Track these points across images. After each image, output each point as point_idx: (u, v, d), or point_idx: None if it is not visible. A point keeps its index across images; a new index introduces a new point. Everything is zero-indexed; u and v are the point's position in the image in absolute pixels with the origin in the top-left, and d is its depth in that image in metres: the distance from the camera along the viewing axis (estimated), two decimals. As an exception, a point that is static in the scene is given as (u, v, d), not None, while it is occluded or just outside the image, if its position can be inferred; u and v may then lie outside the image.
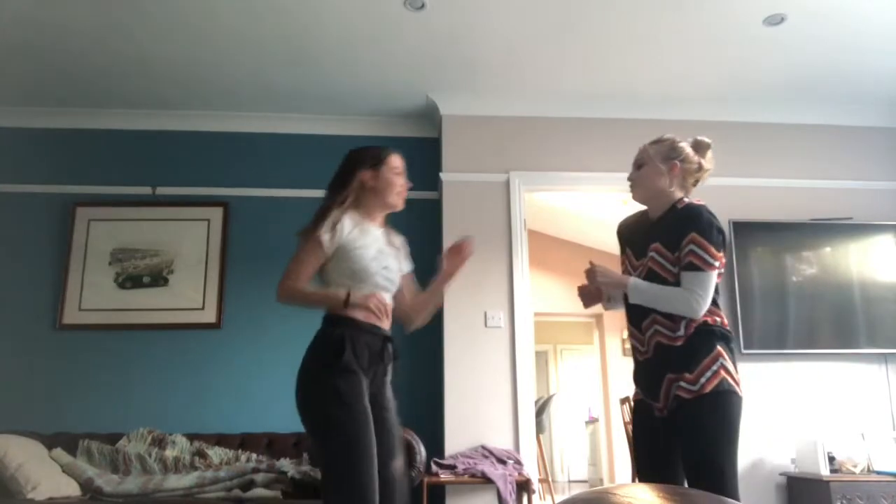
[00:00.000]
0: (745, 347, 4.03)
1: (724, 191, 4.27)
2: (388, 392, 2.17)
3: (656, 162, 2.20)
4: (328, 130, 4.53)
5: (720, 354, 2.03)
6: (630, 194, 2.31)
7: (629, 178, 2.29)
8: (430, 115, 4.47)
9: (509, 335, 4.02)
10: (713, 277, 2.04)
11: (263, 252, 4.28)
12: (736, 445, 2.00)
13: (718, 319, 2.08)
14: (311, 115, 4.51)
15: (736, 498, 1.92)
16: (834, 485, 3.56)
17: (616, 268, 2.32)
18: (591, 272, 2.19)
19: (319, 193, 4.73)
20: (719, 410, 1.99)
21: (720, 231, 2.09)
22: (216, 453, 3.58)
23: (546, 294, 7.58)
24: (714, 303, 2.08)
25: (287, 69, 3.99)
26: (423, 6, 3.42)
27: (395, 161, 2.26)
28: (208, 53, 3.82)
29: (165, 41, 3.70)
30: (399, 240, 2.31)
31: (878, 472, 3.71)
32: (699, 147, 2.25)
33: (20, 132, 4.38)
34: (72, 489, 3.26)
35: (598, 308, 2.60)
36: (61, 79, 4.05)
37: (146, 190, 4.34)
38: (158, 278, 4.19)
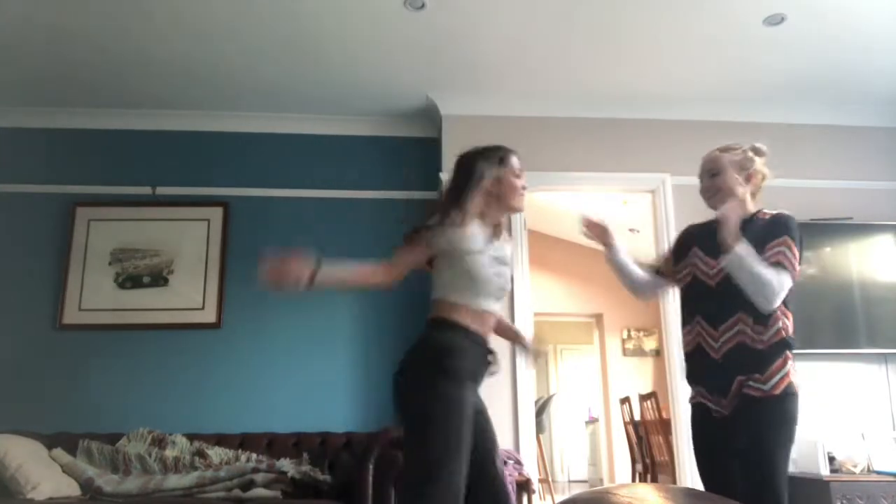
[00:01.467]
0: (745, 347, 4.03)
1: (724, 191, 4.27)
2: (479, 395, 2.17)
3: (733, 171, 2.25)
4: (328, 130, 4.53)
5: (788, 358, 2.12)
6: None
7: (705, 188, 2.31)
8: (430, 115, 4.47)
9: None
10: (791, 281, 2.10)
11: (263, 252, 4.28)
12: (792, 445, 2.12)
13: (791, 329, 2.16)
14: (311, 115, 4.51)
15: (784, 494, 2.08)
16: (834, 485, 3.56)
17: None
18: (725, 212, 2.11)
19: (319, 193, 4.73)
20: (786, 411, 2.07)
21: (802, 244, 2.18)
22: (216, 453, 3.58)
23: (546, 294, 7.58)
24: (787, 307, 2.15)
25: (287, 69, 3.99)
26: (423, 6, 3.42)
27: (516, 162, 2.20)
28: (208, 53, 3.82)
29: (165, 41, 3.70)
30: (510, 246, 2.22)
31: (878, 472, 3.71)
32: (759, 153, 2.31)
33: (20, 132, 4.38)
34: (72, 489, 3.26)
35: (598, 308, 2.63)
36: (61, 79, 4.05)
37: (146, 190, 4.34)
38: (158, 278, 4.19)
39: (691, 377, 2.27)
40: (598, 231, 2.53)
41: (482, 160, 2.14)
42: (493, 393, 3.93)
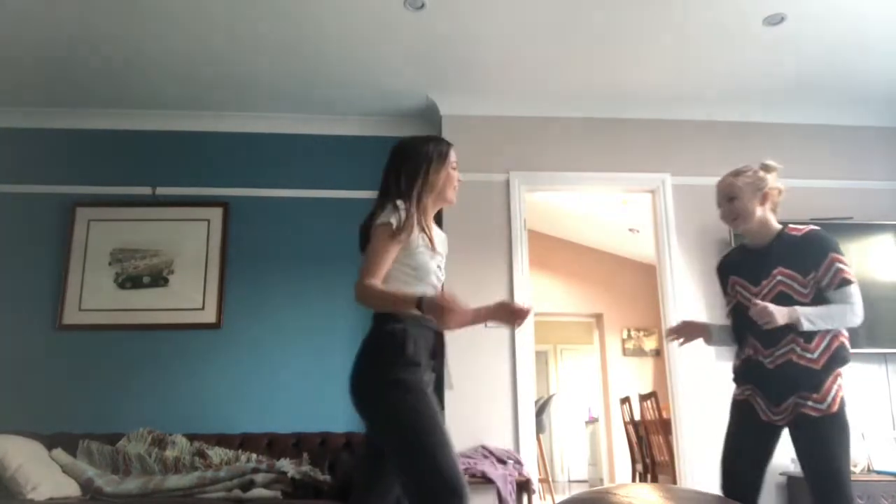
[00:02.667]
0: (745, 347, 4.03)
1: (724, 191, 4.27)
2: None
3: (748, 194, 2.34)
4: (328, 130, 4.53)
5: (839, 375, 2.23)
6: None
7: (724, 213, 2.39)
8: (430, 115, 4.47)
9: (509, 335, 4.03)
10: (858, 290, 2.24)
11: (263, 252, 4.29)
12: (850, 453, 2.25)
13: (847, 338, 2.27)
14: (311, 115, 4.51)
15: (852, 499, 2.17)
16: (834, 485, 3.56)
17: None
18: (762, 312, 2.17)
19: (319, 193, 4.73)
20: (844, 428, 2.21)
21: (840, 247, 2.31)
22: (216, 453, 3.58)
23: (546, 294, 7.58)
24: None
25: (287, 69, 3.99)
26: (422, 6, 3.42)
27: (454, 156, 2.20)
28: (208, 54, 3.82)
29: (165, 42, 3.70)
30: (443, 236, 2.25)
31: (878, 472, 3.71)
32: (769, 169, 2.40)
33: (20, 132, 4.38)
34: (72, 489, 3.26)
35: (598, 308, 2.66)
36: (60, 79, 4.05)
37: (146, 190, 4.35)
38: (158, 278, 4.19)
39: (743, 378, 2.37)
40: (688, 331, 2.53)
41: (428, 150, 2.13)
42: (493, 393, 3.95)
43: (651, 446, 5.81)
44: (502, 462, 3.69)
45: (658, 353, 7.80)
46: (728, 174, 2.40)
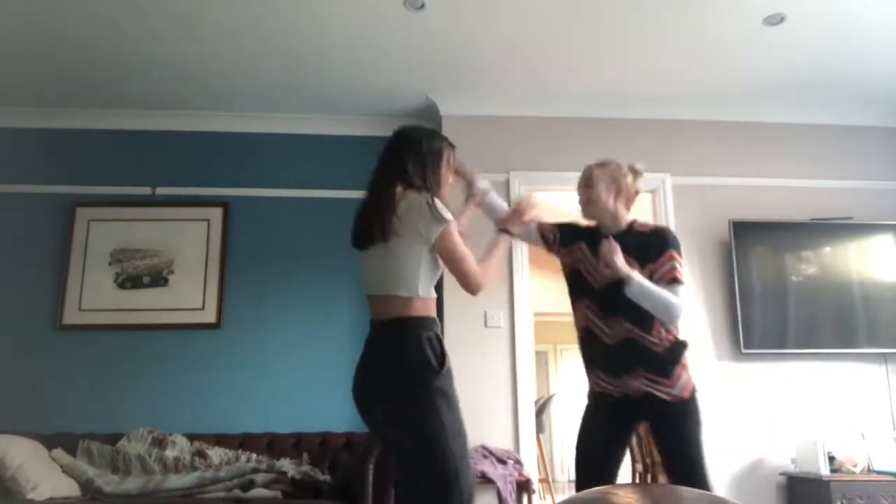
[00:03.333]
0: (745, 347, 4.03)
1: (724, 191, 4.28)
2: None
3: (604, 184, 2.43)
4: (328, 130, 4.53)
5: (686, 362, 2.31)
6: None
7: (580, 197, 2.49)
8: (430, 115, 4.47)
9: (509, 335, 4.02)
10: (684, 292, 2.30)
11: (263, 252, 4.28)
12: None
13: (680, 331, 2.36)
14: (311, 116, 4.51)
15: (711, 487, 2.21)
16: (834, 485, 3.56)
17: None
18: (611, 250, 2.24)
19: (319, 193, 4.74)
20: (697, 414, 2.28)
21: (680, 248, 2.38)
22: (216, 453, 3.58)
23: (546, 294, 7.57)
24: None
25: (287, 69, 3.99)
26: (423, 6, 3.42)
27: (453, 158, 2.21)
28: (208, 53, 3.82)
29: (165, 42, 3.70)
30: None
31: (878, 472, 3.71)
32: (635, 173, 2.47)
33: (20, 132, 4.38)
34: (72, 489, 3.26)
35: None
36: (61, 79, 4.05)
37: (146, 190, 4.34)
38: (158, 278, 4.19)
39: (592, 362, 2.42)
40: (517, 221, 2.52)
41: (443, 148, 2.13)
42: (493, 393, 3.95)
43: (651, 446, 5.80)
44: (502, 462, 3.69)
45: (658, 353, 7.78)
46: (593, 163, 2.50)
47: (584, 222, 2.53)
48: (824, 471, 3.64)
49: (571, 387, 10.20)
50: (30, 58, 3.82)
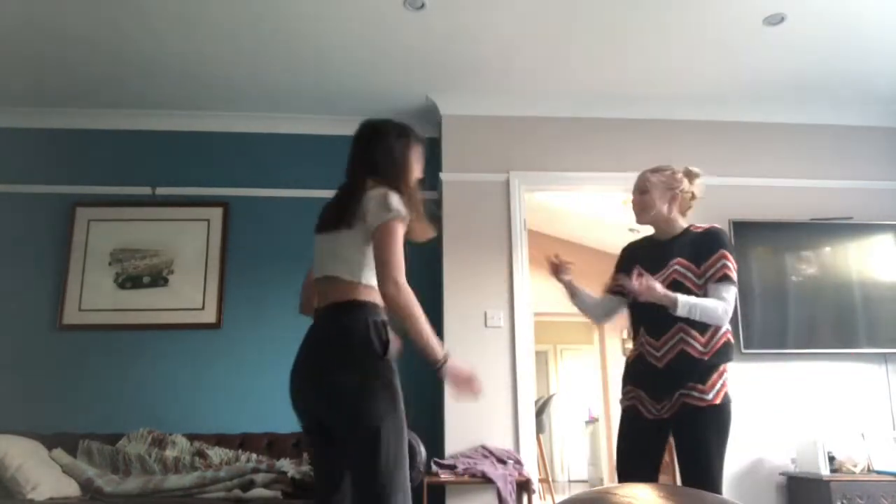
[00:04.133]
0: (745, 347, 4.03)
1: (724, 191, 4.28)
2: None
3: (658, 190, 2.43)
4: (328, 130, 4.52)
5: (725, 370, 2.29)
6: (630, 201, 2.53)
7: (633, 203, 2.50)
8: (430, 115, 4.47)
9: (509, 335, 4.02)
10: (736, 290, 2.31)
11: (263, 252, 4.28)
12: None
13: (731, 335, 2.34)
14: (311, 115, 4.51)
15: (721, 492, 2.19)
16: (834, 485, 3.56)
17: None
18: (642, 288, 2.22)
19: (319, 193, 4.72)
20: (724, 422, 2.25)
21: (734, 251, 2.37)
22: (216, 453, 3.58)
23: (546, 294, 7.55)
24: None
25: (287, 69, 3.99)
26: (422, 6, 3.42)
27: (422, 152, 2.12)
28: (208, 53, 3.82)
29: (165, 41, 3.70)
30: None
31: (878, 472, 3.71)
32: (691, 176, 2.48)
33: (20, 132, 4.38)
34: (72, 489, 3.26)
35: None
36: (61, 79, 4.05)
37: (146, 190, 4.35)
38: (158, 278, 4.19)
39: (632, 381, 2.45)
40: (558, 272, 2.75)
41: (411, 138, 2.07)
42: (493, 393, 3.95)
43: (651, 446, 5.80)
44: (502, 462, 3.69)
45: (658, 353, 7.79)
46: (648, 169, 2.50)
47: (638, 237, 2.58)
48: (824, 471, 3.64)
49: (571, 387, 10.20)
50: (30, 58, 3.82)
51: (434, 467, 3.63)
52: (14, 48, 3.73)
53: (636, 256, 2.51)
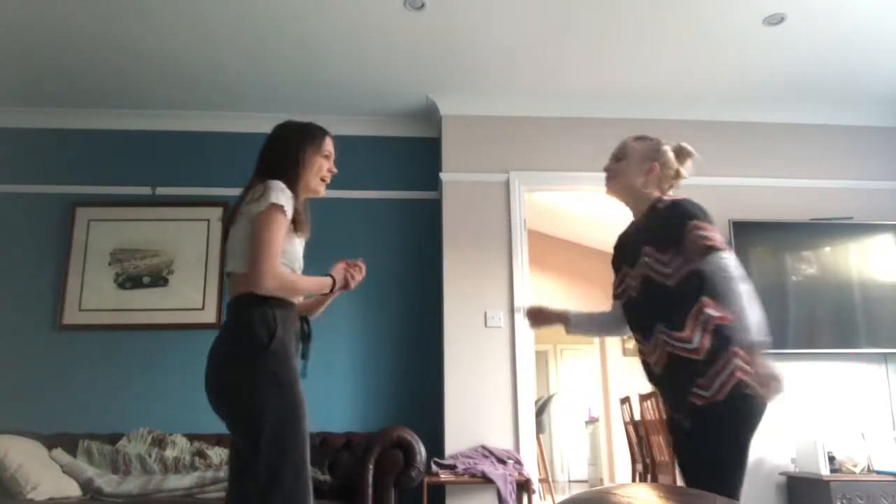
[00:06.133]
0: (745, 347, 4.03)
1: (724, 191, 4.28)
2: None
3: (636, 159, 2.14)
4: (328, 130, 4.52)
5: (732, 357, 1.84)
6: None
7: (605, 169, 2.22)
8: (430, 115, 4.47)
9: (509, 335, 4.02)
10: (729, 254, 1.87)
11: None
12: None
13: (728, 315, 1.87)
14: (311, 116, 4.43)
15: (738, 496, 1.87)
16: (834, 484, 3.56)
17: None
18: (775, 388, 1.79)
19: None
20: (734, 421, 1.85)
21: (708, 215, 1.96)
22: (216, 453, 3.58)
23: (546, 294, 7.58)
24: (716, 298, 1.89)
25: (287, 69, 3.99)
26: (423, 6, 3.42)
27: (329, 145, 2.12)
28: (208, 54, 3.82)
29: (165, 41, 3.70)
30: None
31: (878, 472, 3.71)
32: (681, 153, 2.17)
33: (20, 132, 4.38)
34: (72, 489, 3.26)
35: (598, 308, 2.58)
36: (61, 79, 4.05)
37: (146, 190, 4.35)
38: (158, 278, 4.19)
39: (649, 379, 2.10)
40: (542, 317, 2.29)
41: (302, 135, 2.08)
42: (493, 393, 3.95)
43: (651, 446, 5.81)
44: (502, 462, 3.69)
45: (658, 353, 7.78)
46: (632, 136, 2.23)
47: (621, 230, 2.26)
48: (824, 471, 3.64)
49: (571, 387, 10.20)
50: (30, 58, 3.82)
51: (434, 467, 3.63)
52: (14, 48, 3.73)
53: (624, 250, 2.18)
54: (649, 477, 5.94)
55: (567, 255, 7.79)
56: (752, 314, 1.83)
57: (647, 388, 7.37)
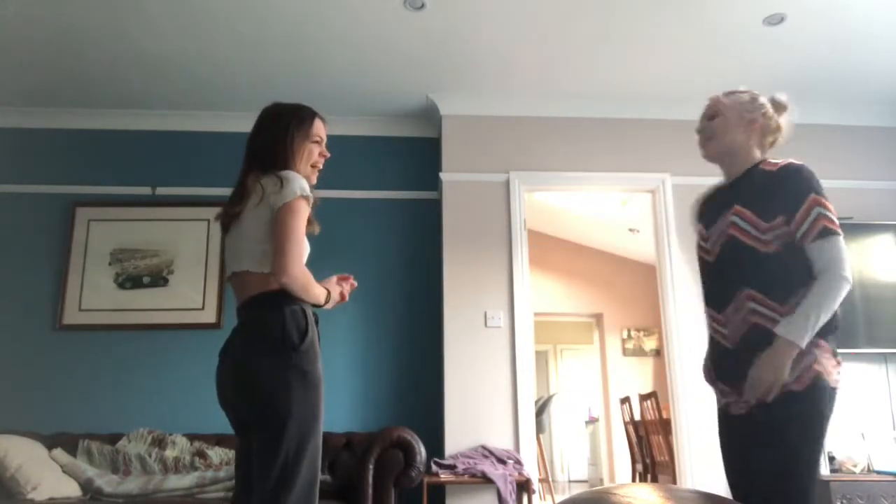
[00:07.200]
0: (745, 347, 4.03)
1: (724, 191, 4.27)
2: None
3: (733, 115, 1.97)
4: (328, 130, 4.51)
5: (819, 345, 1.71)
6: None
7: (698, 130, 2.03)
8: (430, 115, 4.47)
9: (509, 335, 4.03)
10: (843, 242, 1.74)
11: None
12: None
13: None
14: (311, 115, 4.50)
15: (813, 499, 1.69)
16: (834, 485, 3.56)
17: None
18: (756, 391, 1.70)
19: (318, 193, 4.73)
20: (813, 411, 1.69)
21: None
22: (216, 453, 3.58)
23: (546, 294, 7.58)
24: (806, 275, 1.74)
25: (287, 69, 3.99)
26: (423, 6, 3.42)
27: (319, 127, 2.06)
28: (208, 53, 3.82)
29: (165, 41, 3.70)
30: None
31: (878, 472, 3.71)
32: (778, 106, 2.01)
33: (20, 132, 4.38)
34: (72, 489, 3.26)
35: (598, 308, 2.59)
36: (62, 79, 4.05)
37: (146, 190, 4.35)
38: (158, 278, 4.19)
39: (710, 373, 1.93)
40: None
41: (297, 114, 2.03)
42: (493, 393, 3.95)
43: (651, 446, 5.81)
44: (502, 462, 3.69)
45: (658, 353, 7.80)
46: (721, 93, 2.07)
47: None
48: (824, 471, 3.64)
49: (571, 387, 10.20)
50: (30, 58, 3.82)
51: (434, 467, 3.63)
52: (15, 48, 3.73)
53: (699, 213, 2.03)
54: (649, 477, 5.94)
55: (567, 255, 7.79)
56: (838, 314, 1.72)
57: (647, 388, 7.39)
